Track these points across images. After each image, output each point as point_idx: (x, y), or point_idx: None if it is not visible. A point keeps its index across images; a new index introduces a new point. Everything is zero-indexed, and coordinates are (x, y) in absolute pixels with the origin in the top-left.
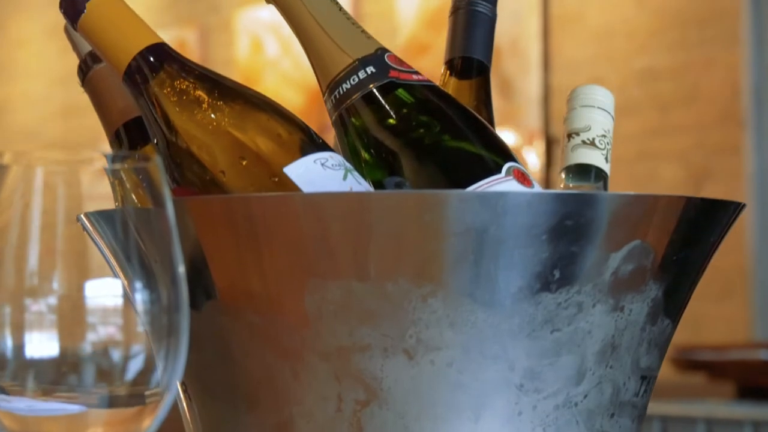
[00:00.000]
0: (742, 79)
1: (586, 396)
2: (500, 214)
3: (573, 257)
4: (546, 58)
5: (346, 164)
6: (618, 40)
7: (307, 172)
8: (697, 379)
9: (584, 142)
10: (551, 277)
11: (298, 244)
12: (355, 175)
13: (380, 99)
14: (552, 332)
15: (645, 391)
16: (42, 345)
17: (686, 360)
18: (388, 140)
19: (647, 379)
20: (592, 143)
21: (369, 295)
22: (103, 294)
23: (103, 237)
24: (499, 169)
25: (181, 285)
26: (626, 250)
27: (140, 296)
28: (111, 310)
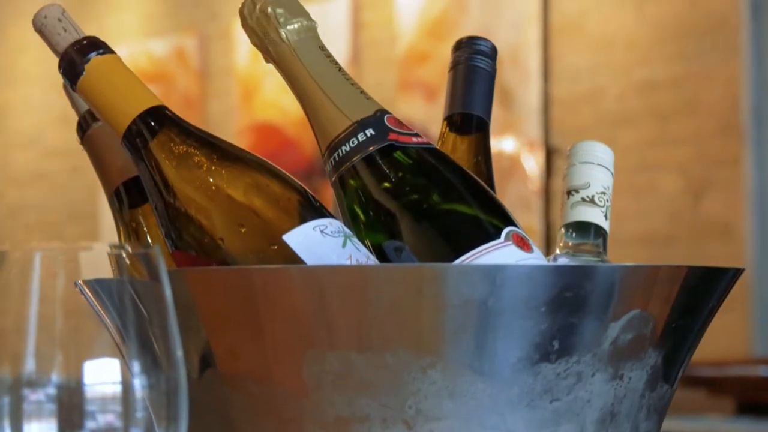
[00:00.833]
0: (742, 90)
1: None
2: (499, 287)
3: (572, 328)
4: (546, 67)
5: (345, 230)
6: (618, 50)
7: (307, 239)
8: (697, 395)
9: (584, 199)
10: (550, 348)
11: (297, 315)
12: (354, 242)
13: (379, 162)
14: (551, 402)
15: None
16: None
17: (686, 376)
18: (387, 203)
19: None
20: (592, 200)
21: (368, 366)
22: (102, 381)
23: (101, 307)
24: (498, 234)
25: (180, 370)
26: (625, 319)
27: (139, 381)
28: (110, 398)
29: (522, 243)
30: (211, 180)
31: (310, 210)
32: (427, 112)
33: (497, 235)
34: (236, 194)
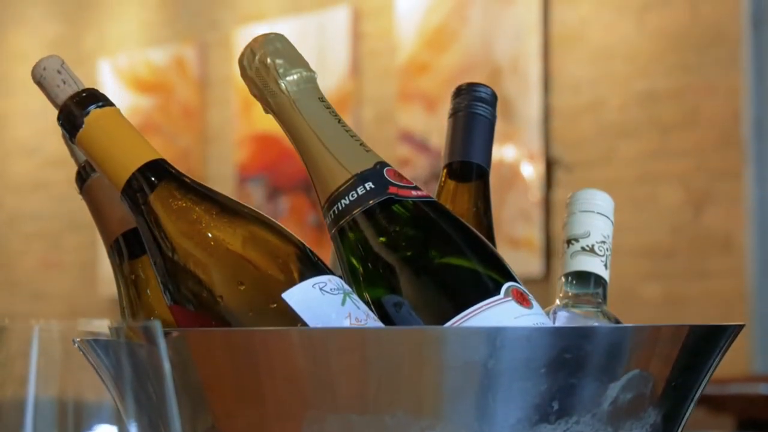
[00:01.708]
0: (743, 103)
1: None
2: (499, 349)
3: (572, 389)
4: (546, 78)
5: (345, 287)
6: (618, 61)
7: (306, 297)
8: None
9: (583, 248)
10: (550, 409)
11: (297, 377)
12: (354, 299)
13: (379, 215)
14: None
15: None
16: None
17: None
18: (386, 257)
19: None
20: (592, 250)
21: (368, 427)
22: None
23: (98, 366)
24: (498, 290)
25: None
26: (625, 379)
27: None
28: None
29: (522, 298)
30: (210, 236)
31: (309, 266)
32: (427, 122)
33: (497, 291)
34: (235, 251)
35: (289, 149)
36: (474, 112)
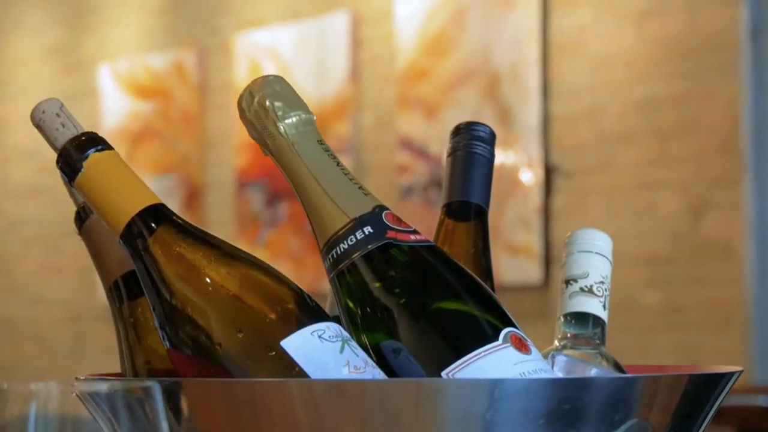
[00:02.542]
0: (742, 111)
1: None
2: (498, 400)
3: None
4: (545, 85)
5: (343, 334)
6: (618, 68)
7: (305, 345)
8: None
9: (582, 289)
10: None
11: (296, 428)
12: (352, 346)
13: (378, 260)
14: None
15: None
16: None
17: None
18: (385, 302)
19: None
20: (590, 290)
21: None
22: None
23: (96, 414)
24: (497, 336)
25: None
26: (623, 429)
27: None
28: None
29: (520, 345)
30: (209, 282)
31: (307, 313)
32: (426, 128)
33: (495, 337)
34: (233, 297)
35: None
36: (473, 152)
